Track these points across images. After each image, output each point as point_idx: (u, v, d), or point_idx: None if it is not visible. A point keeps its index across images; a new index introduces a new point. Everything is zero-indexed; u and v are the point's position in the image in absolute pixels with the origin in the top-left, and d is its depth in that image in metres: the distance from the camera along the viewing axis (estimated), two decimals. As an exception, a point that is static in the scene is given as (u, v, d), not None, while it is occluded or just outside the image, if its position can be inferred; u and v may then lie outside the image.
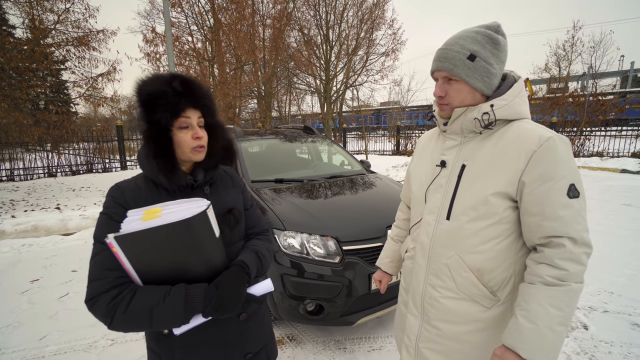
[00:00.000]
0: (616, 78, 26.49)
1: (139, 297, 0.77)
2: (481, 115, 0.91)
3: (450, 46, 0.92)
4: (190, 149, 0.87)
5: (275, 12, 14.43)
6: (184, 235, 0.75)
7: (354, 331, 2.34)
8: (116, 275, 0.78)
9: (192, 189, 0.92)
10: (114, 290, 0.77)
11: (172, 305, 0.76)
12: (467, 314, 0.96)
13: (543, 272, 0.82)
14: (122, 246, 0.73)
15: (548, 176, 0.83)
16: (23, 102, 6.93)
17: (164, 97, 0.82)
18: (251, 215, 1.09)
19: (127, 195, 0.85)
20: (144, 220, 0.75)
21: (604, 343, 2.16)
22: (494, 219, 0.90)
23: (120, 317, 0.75)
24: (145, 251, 0.75)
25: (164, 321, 0.77)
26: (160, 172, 0.83)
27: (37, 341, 2.30)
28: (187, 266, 0.81)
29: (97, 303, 0.76)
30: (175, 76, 0.86)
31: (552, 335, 0.79)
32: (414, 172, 1.15)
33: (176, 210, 0.77)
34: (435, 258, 1.00)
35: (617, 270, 3.15)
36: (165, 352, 0.90)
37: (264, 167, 3.19)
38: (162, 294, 0.77)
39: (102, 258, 0.79)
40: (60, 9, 7.06)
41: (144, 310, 0.76)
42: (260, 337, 1.04)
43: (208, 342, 0.91)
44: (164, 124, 0.83)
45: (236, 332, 0.95)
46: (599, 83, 12.71)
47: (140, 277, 0.79)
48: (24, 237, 4.55)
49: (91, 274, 0.79)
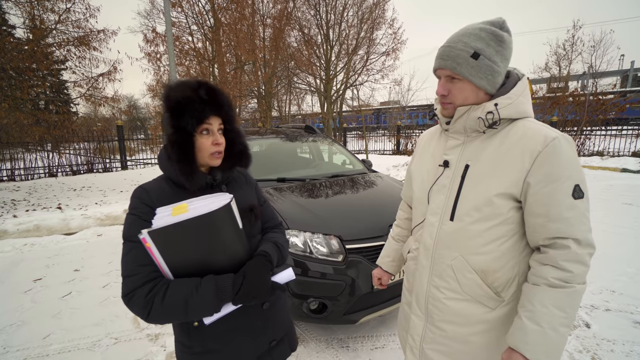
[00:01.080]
0: (616, 77, 26.49)
1: (173, 289, 0.81)
2: (485, 115, 0.89)
3: (453, 43, 0.90)
4: (208, 155, 0.92)
5: (276, 11, 14.43)
6: (212, 226, 0.80)
7: (357, 330, 2.35)
8: (149, 270, 0.83)
9: (211, 188, 0.97)
10: (148, 285, 0.82)
11: (205, 295, 0.81)
12: (471, 315, 0.96)
13: (547, 274, 0.82)
14: (155, 241, 0.77)
15: (553, 177, 0.82)
16: (24, 102, 6.93)
17: (191, 104, 0.86)
18: (265, 211, 1.15)
19: (153, 196, 0.90)
20: (174, 215, 0.79)
21: (606, 341, 2.17)
22: (499, 219, 0.89)
23: (158, 309, 0.80)
24: (176, 244, 0.80)
25: (199, 310, 0.82)
26: (182, 175, 0.88)
27: (41, 340, 2.31)
28: (212, 259, 0.86)
29: (134, 297, 0.80)
30: (201, 84, 0.91)
31: (555, 336, 0.80)
32: (415, 172, 1.14)
33: (202, 205, 0.82)
34: (439, 259, 0.99)
35: (618, 268, 3.15)
36: (197, 343, 0.94)
37: (266, 166, 3.19)
38: (194, 285, 0.82)
39: (134, 255, 0.83)
40: (61, 8, 7.06)
41: (180, 301, 0.80)
42: (283, 325, 1.11)
43: (237, 330, 0.96)
44: (189, 130, 0.87)
45: (261, 319, 1.01)
46: (599, 82, 12.73)
47: (171, 271, 0.83)
48: (25, 237, 4.55)
49: (125, 270, 0.84)
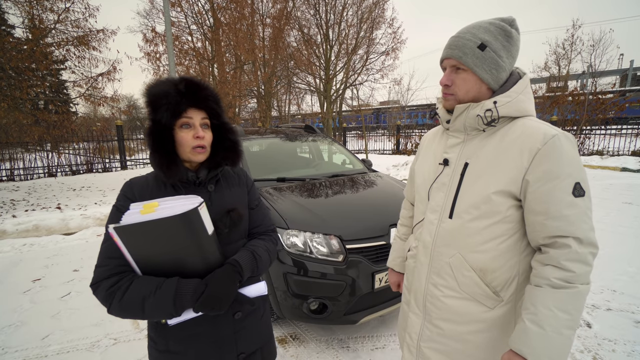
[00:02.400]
0: (616, 76, 26.47)
1: (135, 286, 0.81)
2: (484, 112, 0.89)
3: (462, 34, 0.91)
4: (190, 149, 0.90)
5: (275, 11, 14.41)
6: (175, 230, 0.78)
7: (357, 330, 2.34)
8: (117, 264, 0.83)
9: (197, 186, 0.95)
10: (114, 278, 0.82)
11: (162, 298, 0.79)
12: (469, 314, 0.95)
13: (550, 275, 0.81)
14: (120, 236, 0.77)
15: (553, 174, 0.81)
16: (23, 102, 6.91)
17: (166, 97, 0.86)
18: (256, 214, 1.09)
19: (135, 190, 0.91)
20: (142, 213, 0.78)
21: (608, 341, 2.16)
22: (497, 217, 0.89)
23: (116, 304, 0.80)
24: (142, 242, 0.79)
25: (154, 312, 0.80)
26: (157, 166, 0.88)
27: (40, 340, 2.30)
28: (184, 261, 0.83)
29: (98, 288, 0.82)
30: (183, 79, 0.90)
31: (560, 339, 0.78)
32: (418, 170, 1.14)
33: (171, 206, 0.80)
34: (438, 257, 0.99)
35: (619, 268, 3.15)
36: (160, 340, 0.93)
37: (266, 166, 3.18)
38: (156, 285, 0.80)
39: (108, 246, 0.85)
40: (60, 8, 7.03)
41: (137, 299, 0.79)
42: (256, 338, 1.04)
43: (201, 337, 0.93)
44: (165, 123, 0.87)
45: (230, 330, 0.96)
46: (599, 81, 12.73)
47: (139, 267, 0.83)
48: (25, 237, 4.54)
49: (97, 259, 0.86)
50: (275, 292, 2.06)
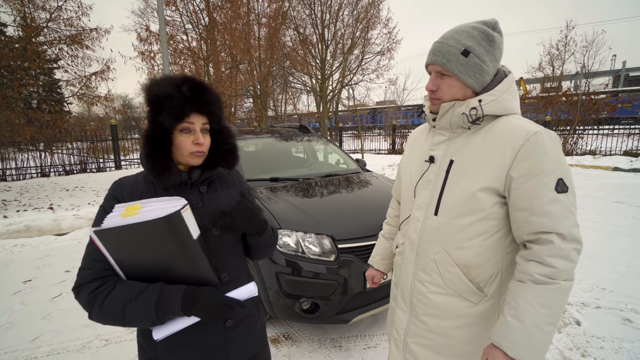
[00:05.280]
0: (608, 77, 26.76)
1: (117, 291, 0.77)
2: (469, 111, 0.91)
3: (445, 40, 0.91)
4: (188, 153, 0.87)
5: (271, 10, 14.38)
6: (157, 234, 0.75)
7: (350, 329, 2.34)
8: (101, 268, 0.80)
9: (189, 187, 0.92)
10: (97, 282, 0.79)
11: (143, 304, 0.75)
12: (454, 309, 0.96)
13: (532, 270, 0.81)
14: (101, 240, 0.74)
15: (536, 171, 0.82)
16: (15, 101, 6.84)
17: (170, 100, 0.82)
18: None
19: (125, 190, 0.88)
20: (124, 216, 0.75)
21: (596, 338, 2.19)
22: (481, 214, 0.89)
23: (96, 310, 0.76)
24: (124, 246, 0.76)
25: (135, 319, 0.77)
26: (150, 171, 0.84)
27: (30, 342, 2.28)
28: (169, 266, 0.79)
29: (81, 292, 0.79)
30: (186, 80, 0.85)
31: (539, 334, 0.79)
32: (405, 168, 1.15)
33: (154, 209, 0.77)
34: (424, 253, 1.00)
35: (609, 266, 3.19)
36: (149, 348, 0.90)
37: (259, 165, 3.18)
38: (138, 291, 0.77)
39: (93, 249, 0.81)
40: (53, 6, 6.96)
41: (119, 305, 0.76)
42: (249, 347, 1.00)
43: (191, 345, 0.90)
44: (166, 126, 0.83)
45: (221, 338, 0.93)
46: (592, 82, 12.86)
47: (123, 271, 0.79)
48: (16, 238, 4.49)
49: (82, 262, 0.82)
50: (268, 292, 2.06)
